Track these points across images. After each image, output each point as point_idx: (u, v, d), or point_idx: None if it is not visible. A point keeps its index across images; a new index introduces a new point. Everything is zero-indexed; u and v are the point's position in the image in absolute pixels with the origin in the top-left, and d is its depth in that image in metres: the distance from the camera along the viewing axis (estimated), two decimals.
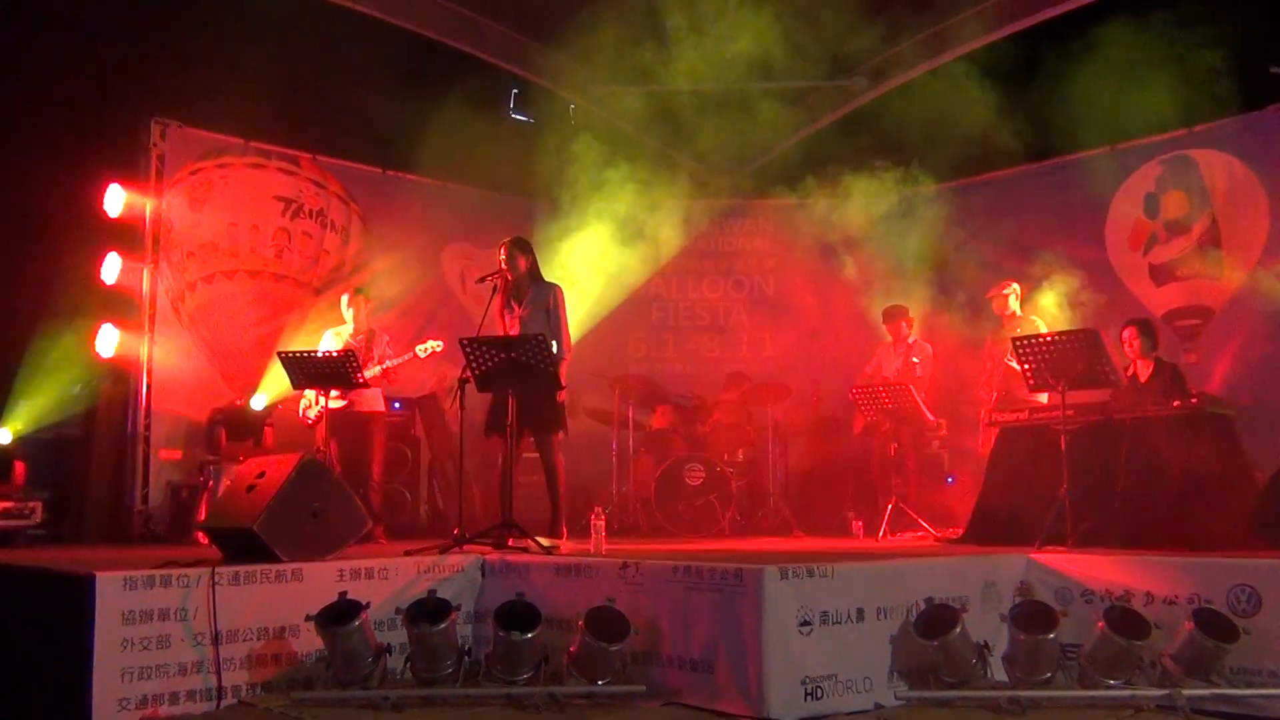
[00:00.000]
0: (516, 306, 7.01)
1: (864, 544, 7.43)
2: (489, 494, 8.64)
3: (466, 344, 6.26)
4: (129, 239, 8.96)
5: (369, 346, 7.93)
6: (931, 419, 8.48)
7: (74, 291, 8.63)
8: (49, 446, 8.74)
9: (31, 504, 7.93)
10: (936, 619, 4.59)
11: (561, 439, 6.93)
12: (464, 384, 6.31)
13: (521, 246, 7.08)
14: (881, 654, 4.64)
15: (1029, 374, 6.32)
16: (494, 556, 5.62)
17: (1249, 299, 8.78)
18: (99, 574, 4.43)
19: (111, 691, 4.37)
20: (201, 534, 7.27)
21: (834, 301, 10.90)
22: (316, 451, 7.25)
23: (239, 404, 9.07)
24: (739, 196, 11.89)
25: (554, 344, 6.76)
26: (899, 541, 7.54)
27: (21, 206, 8.39)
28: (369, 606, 4.73)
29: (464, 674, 4.74)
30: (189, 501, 8.49)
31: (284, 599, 4.89)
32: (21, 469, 8.16)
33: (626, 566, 4.93)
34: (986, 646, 4.62)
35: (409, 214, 10.52)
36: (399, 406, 9.39)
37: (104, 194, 8.82)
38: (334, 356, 7.25)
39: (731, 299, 11.73)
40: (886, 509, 7.87)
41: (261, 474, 5.49)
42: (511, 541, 5.97)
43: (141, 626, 4.48)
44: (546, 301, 6.99)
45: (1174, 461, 5.90)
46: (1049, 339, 6.31)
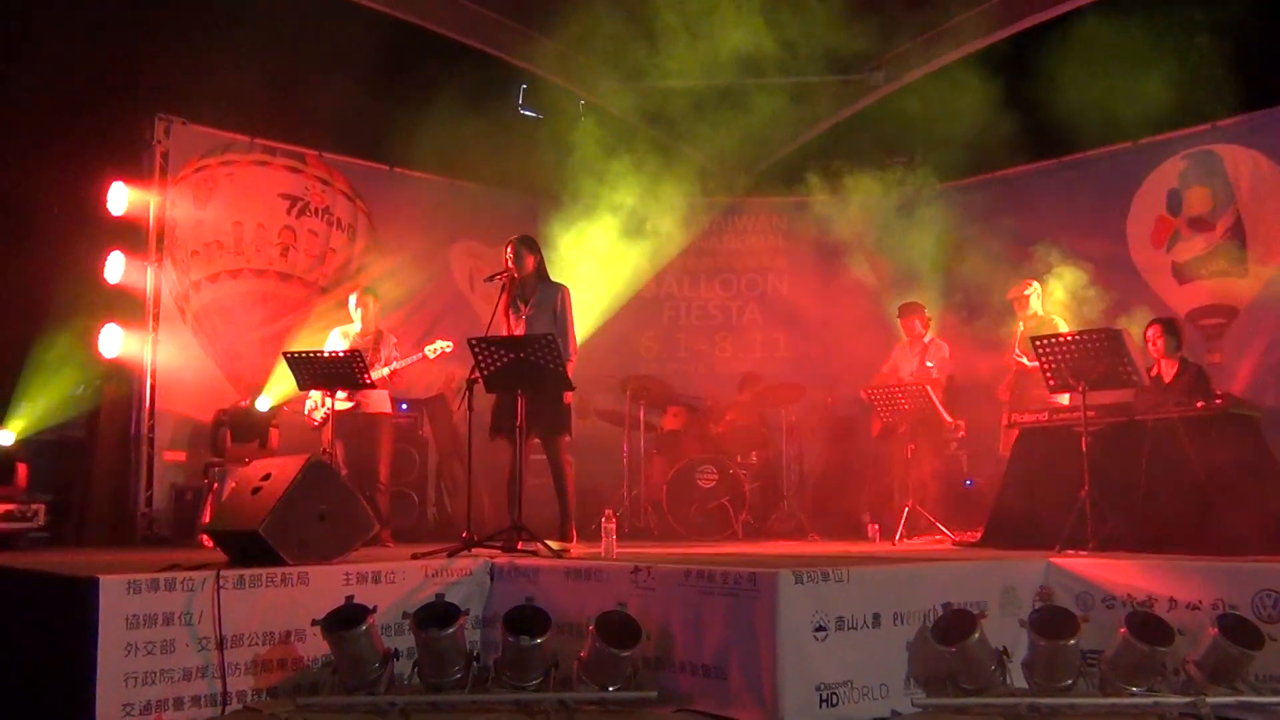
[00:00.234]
0: (523, 306, 6.91)
1: (880, 548, 7.36)
2: (497, 497, 8.57)
3: (475, 344, 6.20)
4: (132, 237, 8.90)
5: (376, 347, 7.86)
6: (949, 420, 8.35)
7: (77, 291, 8.60)
8: (52, 448, 8.73)
9: (34, 506, 7.91)
10: (954, 624, 4.54)
11: (568, 441, 6.85)
12: (472, 384, 6.25)
13: (529, 245, 6.96)
14: (898, 660, 4.58)
15: (1049, 374, 6.22)
16: (503, 560, 5.56)
17: (1274, 298, 8.65)
18: (102, 577, 4.39)
19: (115, 696, 4.33)
20: (206, 537, 7.19)
21: (848, 301, 10.79)
22: (323, 453, 7.19)
23: (244, 405, 9.00)
24: (751, 195, 11.81)
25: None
26: (916, 545, 7.46)
27: (24, 204, 8.38)
28: (376, 611, 4.69)
29: (472, 680, 4.70)
30: (193, 504, 8.48)
31: (289, 603, 4.84)
32: (24, 471, 8.14)
33: (638, 570, 4.89)
34: (1006, 653, 4.56)
35: (416, 211, 10.46)
36: (406, 408, 9.32)
37: (107, 192, 8.77)
38: (340, 356, 7.19)
39: (744, 298, 11.61)
40: (903, 512, 7.77)
41: (267, 476, 5.46)
42: (521, 545, 5.92)
43: (145, 631, 4.43)
44: (554, 302, 6.89)
45: (1198, 463, 5.84)
46: (1070, 339, 6.21)
